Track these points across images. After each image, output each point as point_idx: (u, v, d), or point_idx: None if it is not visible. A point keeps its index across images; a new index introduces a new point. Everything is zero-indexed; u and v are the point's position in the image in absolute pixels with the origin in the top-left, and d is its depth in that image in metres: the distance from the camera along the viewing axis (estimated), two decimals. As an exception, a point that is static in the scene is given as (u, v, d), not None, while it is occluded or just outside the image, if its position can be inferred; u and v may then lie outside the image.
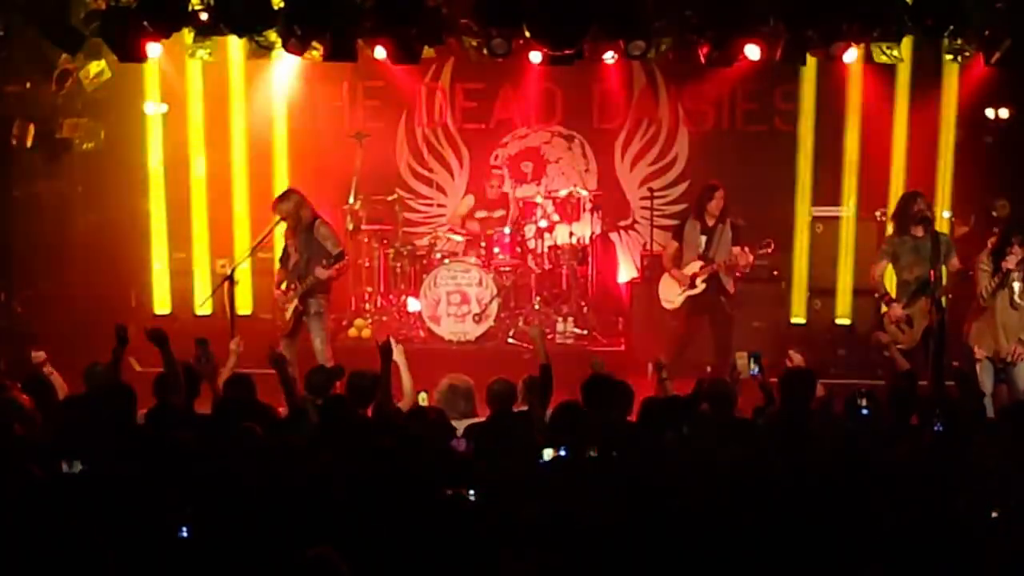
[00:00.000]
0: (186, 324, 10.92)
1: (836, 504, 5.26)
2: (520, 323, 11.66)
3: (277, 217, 9.39)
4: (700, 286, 10.07)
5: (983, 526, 5.06)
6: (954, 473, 5.63)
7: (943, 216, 11.33)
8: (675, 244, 10.30)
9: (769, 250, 10.10)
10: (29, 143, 10.76)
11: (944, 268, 8.87)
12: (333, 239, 9.39)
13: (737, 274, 10.23)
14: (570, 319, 11.86)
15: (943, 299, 8.83)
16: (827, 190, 11.97)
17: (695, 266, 10.09)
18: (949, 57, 10.65)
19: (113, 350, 6.84)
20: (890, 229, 9.43)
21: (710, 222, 10.08)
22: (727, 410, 6.84)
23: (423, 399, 7.19)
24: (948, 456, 5.77)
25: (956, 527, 5.02)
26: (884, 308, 9.14)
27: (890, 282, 9.23)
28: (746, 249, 9.95)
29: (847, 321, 11.62)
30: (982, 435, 6.20)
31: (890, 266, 9.10)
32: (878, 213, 11.60)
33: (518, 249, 12.00)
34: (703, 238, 10.08)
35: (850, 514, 5.21)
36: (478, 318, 11.44)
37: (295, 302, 9.28)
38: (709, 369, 9.74)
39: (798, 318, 11.83)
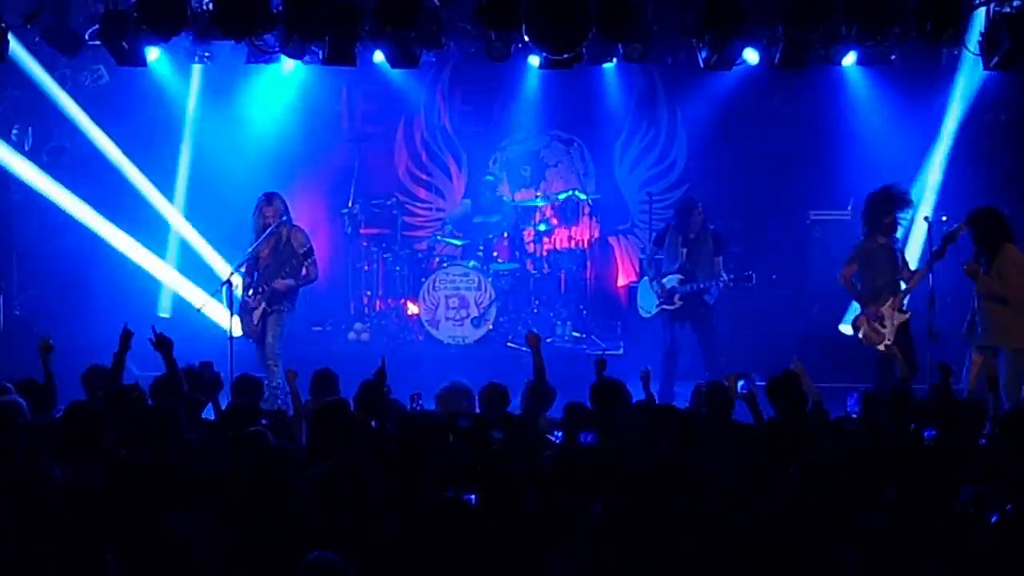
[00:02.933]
0: (186, 329, 10.93)
1: (832, 506, 5.26)
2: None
3: (273, 221, 9.44)
4: (678, 303, 9.96)
5: (983, 529, 5.06)
6: (953, 474, 5.62)
7: (942, 219, 11.34)
8: (656, 249, 10.23)
9: (750, 283, 9.96)
10: (28, 147, 10.79)
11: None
12: (306, 245, 9.45)
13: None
14: (568, 322, 11.86)
15: (905, 300, 9.09)
16: (826, 194, 11.98)
17: (674, 279, 9.97)
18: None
19: (115, 354, 6.81)
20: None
21: (691, 235, 10.00)
22: (725, 415, 6.85)
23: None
24: (946, 458, 5.76)
25: (955, 528, 5.02)
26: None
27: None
28: (719, 261, 9.96)
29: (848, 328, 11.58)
30: (981, 437, 6.22)
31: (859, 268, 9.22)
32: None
33: (516, 253, 11.99)
34: (684, 250, 9.98)
35: (847, 516, 5.21)
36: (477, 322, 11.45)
37: (263, 305, 9.38)
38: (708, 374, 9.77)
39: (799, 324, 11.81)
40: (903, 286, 9.13)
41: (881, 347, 9.08)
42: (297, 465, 5.62)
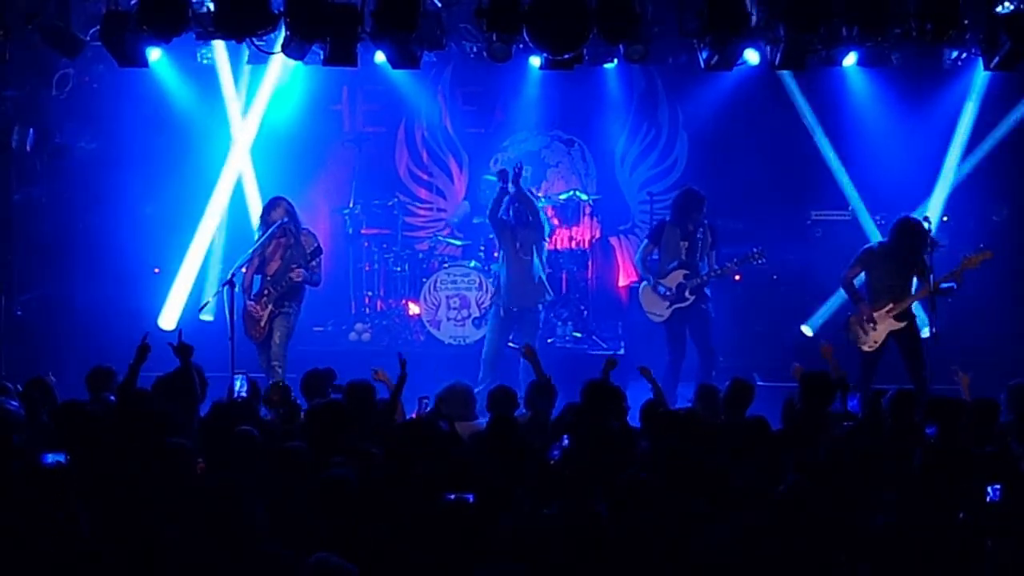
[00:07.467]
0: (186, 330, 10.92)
1: (830, 504, 5.27)
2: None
3: (276, 223, 9.46)
4: (689, 298, 9.91)
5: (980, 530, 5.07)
6: (948, 475, 5.62)
7: (943, 220, 11.36)
8: (651, 246, 10.13)
9: (762, 261, 9.98)
10: (29, 147, 10.78)
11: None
12: (314, 244, 9.53)
13: (737, 277, 10.17)
14: (569, 323, 11.85)
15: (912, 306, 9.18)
16: (827, 193, 11.97)
17: (678, 275, 9.93)
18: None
19: (131, 364, 6.79)
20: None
21: (690, 228, 9.95)
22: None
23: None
24: (950, 459, 5.76)
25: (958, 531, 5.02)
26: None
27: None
28: (713, 255, 9.91)
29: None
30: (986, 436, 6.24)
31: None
32: (877, 218, 11.64)
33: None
34: (684, 244, 9.94)
35: (845, 514, 5.21)
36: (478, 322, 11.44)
37: (270, 307, 9.39)
38: (714, 373, 9.79)
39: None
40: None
41: (865, 348, 9.18)
42: (296, 465, 5.65)
